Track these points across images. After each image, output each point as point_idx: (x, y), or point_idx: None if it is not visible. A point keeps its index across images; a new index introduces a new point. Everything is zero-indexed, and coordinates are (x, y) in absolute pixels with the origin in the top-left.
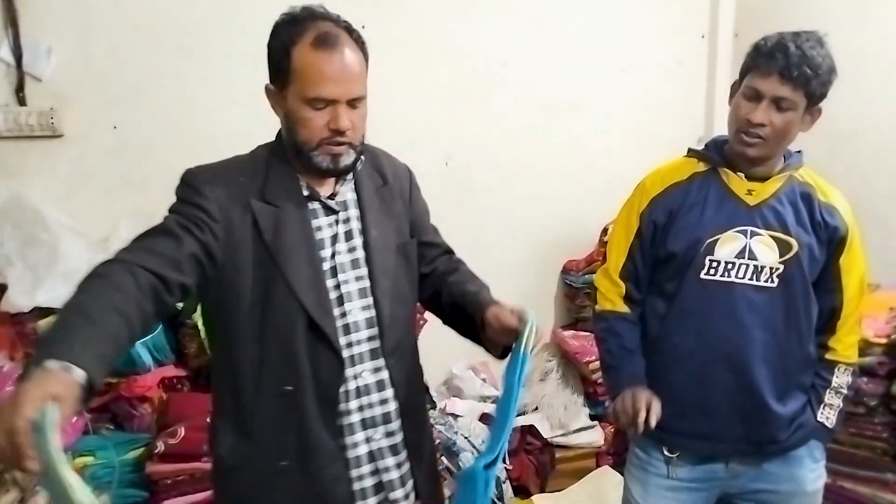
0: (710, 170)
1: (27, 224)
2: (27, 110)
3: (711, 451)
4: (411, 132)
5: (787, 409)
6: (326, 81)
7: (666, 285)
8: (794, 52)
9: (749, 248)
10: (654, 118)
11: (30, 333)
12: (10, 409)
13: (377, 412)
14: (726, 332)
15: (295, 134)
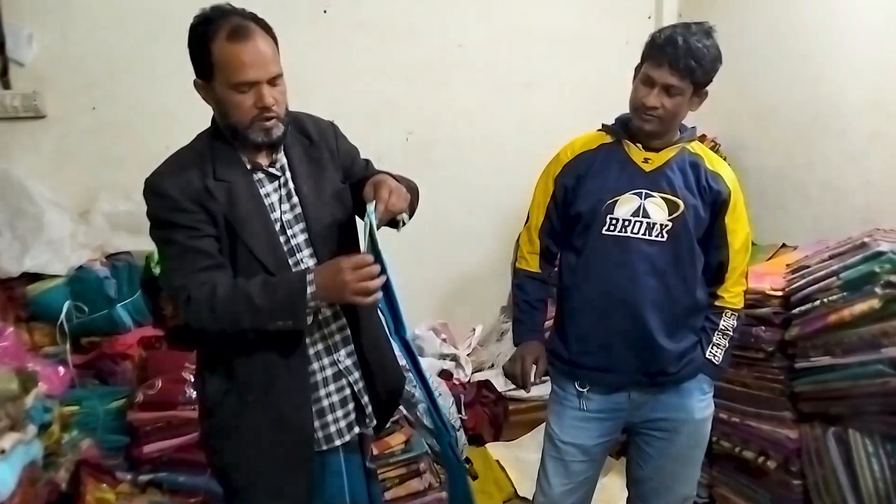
0: (616, 141)
1: (14, 198)
2: (11, 93)
3: (614, 383)
4: (374, 110)
5: (676, 346)
6: (246, 67)
7: (576, 241)
8: (682, 45)
9: (643, 207)
10: (603, 95)
11: (19, 297)
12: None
13: (337, 338)
14: (622, 280)
15: (228, 117)
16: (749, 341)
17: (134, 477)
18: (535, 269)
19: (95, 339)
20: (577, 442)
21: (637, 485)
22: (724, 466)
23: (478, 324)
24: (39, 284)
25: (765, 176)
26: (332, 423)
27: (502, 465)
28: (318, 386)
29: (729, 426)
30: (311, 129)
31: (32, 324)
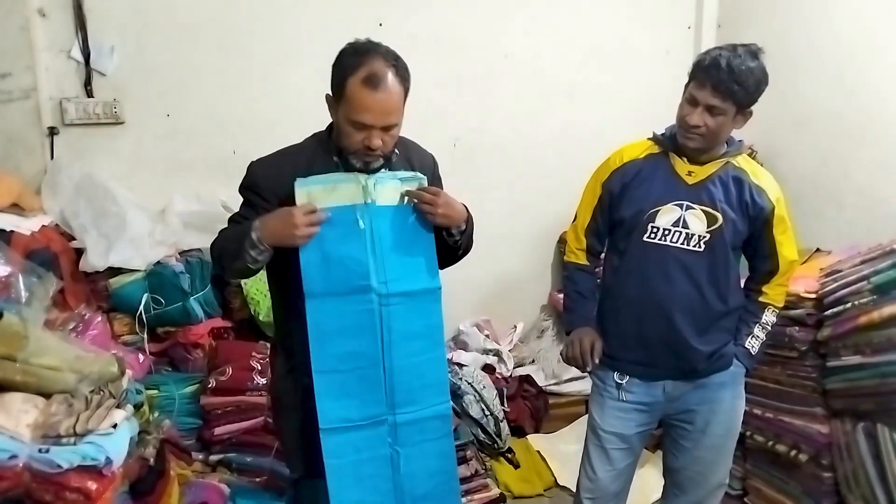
0: (663, 152)
1: (98, 198)
2: (94, 101)
3: (650, 375)
4: (423, 117)
5: (707, 346)
6: (366, 112)
7: (619, 244)
8: (725, 68)
9: (683, 218)
10: (642, 103)
11: (102, 290)
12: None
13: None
14: (659, 286)
15: (339, 138)
16: (783, 341)
17: (206, 456)
18: (584, 262)
19: (170, 329)
20: (617, 431)
21: (672, 474)
22: (758, 459)
23: (519, 321)
24: (121, 278)
25: (801, 182)
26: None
27: (543, 456)
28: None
29: (763, 421)
30: (414, 160)
31: (113, 314)
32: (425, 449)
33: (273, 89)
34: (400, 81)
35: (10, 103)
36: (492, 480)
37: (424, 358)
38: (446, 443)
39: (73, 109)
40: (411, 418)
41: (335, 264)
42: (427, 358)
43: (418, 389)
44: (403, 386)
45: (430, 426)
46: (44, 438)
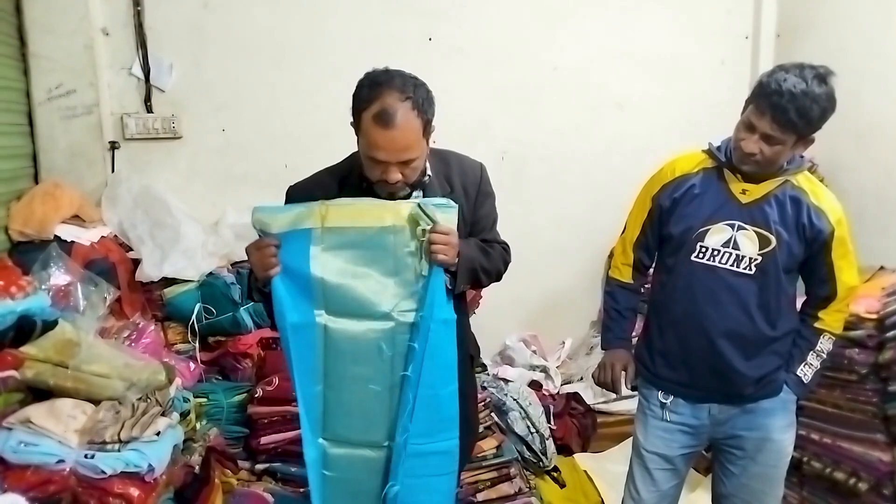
0: (717, 167)
1: (155, 210)
2: (153, 116)
3: (694, 396)
4: (471, 130)
5: (754, 371)
6: (379, 150)
7: (667, 260)
8: (788, 97)
9: (734, 239)
10: (696, 116)
11: (157, 299)
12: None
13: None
14: (706, 307)
15: (362, 168)
16: (842, 363)
17: (251, 465)
18: (628, 280)
19: (221, 339)
20: (660, 451)
21: (721, 501)
22: (815, 487)
23: (567, 337)
24: (175, 288)
25: (864, 197)
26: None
27: (590, 476)
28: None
29: (820, 447)
30: (454, 176)
31: (167, 323)
32: (427, 484)
33: (324, 104)
34: (417, 115)
35: (74, 119)
36: (536, 499)
37: (437, 391)
38: (450, 481)
39: (133, 124)
40: (418, 451)
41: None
42: (440, 392)
43: (429, 422)
44: (413, 415)
45: (435, 461)
46: (90, 444)
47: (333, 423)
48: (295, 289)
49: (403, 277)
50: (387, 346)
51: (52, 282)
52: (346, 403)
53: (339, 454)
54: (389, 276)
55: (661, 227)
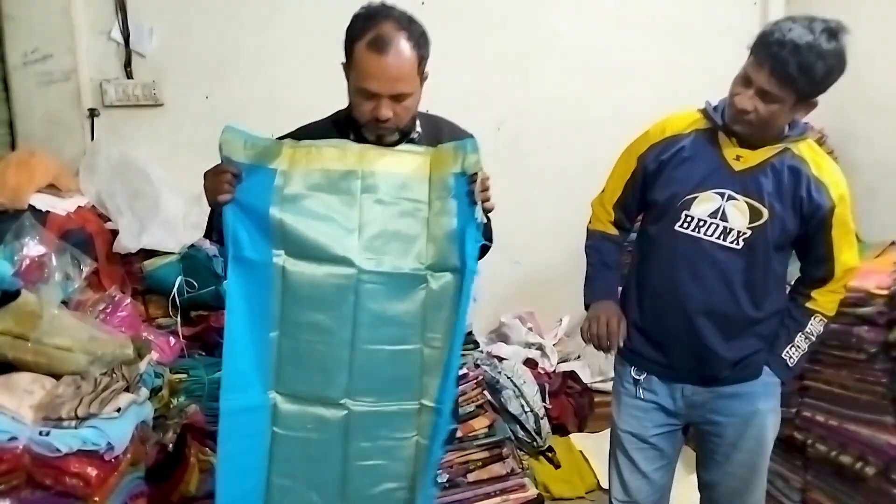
0: (711, 129)
1: (134, 180)
2: (133, 83)
3: (667, 376)
4: (465, 99)
5: (733, 353)
6: (371, 79)
7: (649, 228)
8: (791, 50)
9: (723, 209)
10: (702, 85)
11: (137, 272)
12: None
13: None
14: (686, 282)
15: (351, 109)
16: (850, 341)
17: None
18: (612, 232)
19: (203, 313)
20: (634, 431)
21: (707, 490)
22: (819, 471)
23: (564, 314)
24: (155, 260)
25: (875, 170)
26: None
27: (586, 456)
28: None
29: (825, 429)
30: (445, 140)
31: (148, 296)
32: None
33: (316, 70)
34: (413, 47)
35: (51, 84)
36: (529, 480)
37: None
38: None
39: (112, 91)
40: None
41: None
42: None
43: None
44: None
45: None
46: (45, 421)
47: (288, 374)
48: (252, 226)
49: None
50: (350, 295)
51: (24, 252)
52: (302, 354)
53: (291, 410)
54: (352, 221)
55: (645, 191)
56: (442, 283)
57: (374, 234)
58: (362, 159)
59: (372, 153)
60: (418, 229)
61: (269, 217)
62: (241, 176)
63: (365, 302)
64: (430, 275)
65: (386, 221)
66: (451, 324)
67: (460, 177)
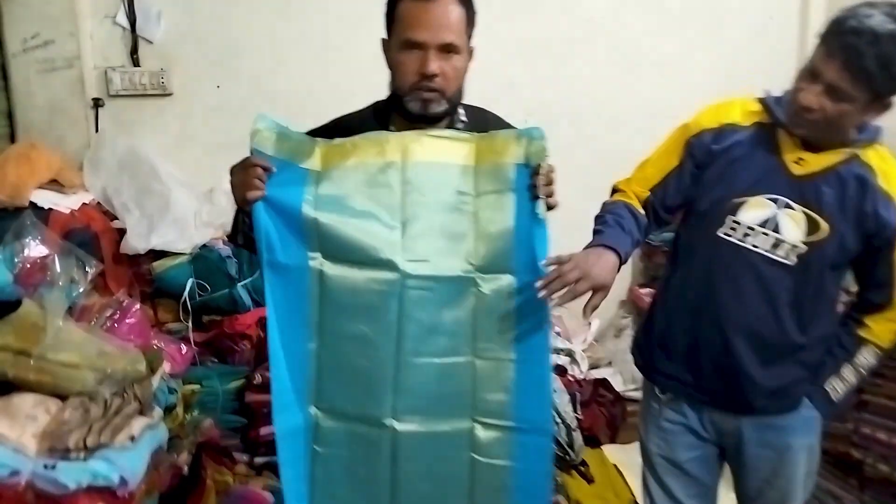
0: (770, 124)
1: (142, 175)
2: (140, 71)
3: (694, 399)
4: (492, 88)
5: (770, 381)
6: (418, 26)
7: (687, 230)
8: (869, 40)
9: (776, 218)
10: (741, 74)
11: (145, 273)
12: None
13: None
14: (725, 296)
15: (393, 81)
16: None
17: (250, 459)
18: (638, 208)
19: (216, 318)
20: (664, 454)
21: None
22: (879, 493)
23: (594, 318)
24: (165, 261)
25: None
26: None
27: (620, 470)
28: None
29: (887, 447)
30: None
31: (157, 300)
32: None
33: (335, 58)
34: (461, 4)
35: (53, 72)
36: (562, 497)
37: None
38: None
39: (118, 79)
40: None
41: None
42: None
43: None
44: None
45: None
46: (51, 452)
47: (328, 389)
48: (284, 227)
49: (419, 219)
50: (394, 302)
51: (26, 254)
52: (343, 367)
53: (333, 427)
54: (394, 217)
55: (688, 185)
56: (495, 286)
57: (417, 232)
58: (402, 149)
59: (413, 142)
60: (466, 225)
61: (302, 216)
62: (271, 171)
63: (410, 310)
64: (481, 277)
65: (430, 217)
66: (527, 334)
67: (522, 168)
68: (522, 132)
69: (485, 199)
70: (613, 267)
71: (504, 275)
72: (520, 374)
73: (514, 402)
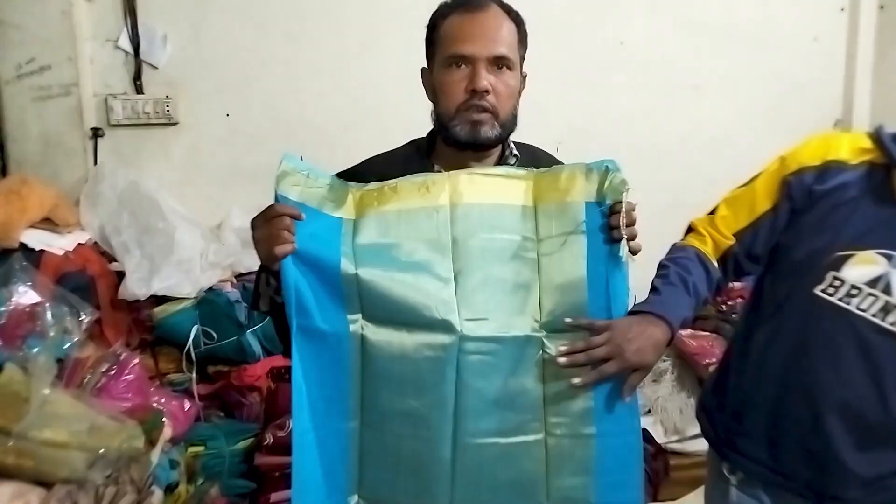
0: (883, 165)
1: (144, 212)
2: (144, 98)
3: (772, 483)
4: (522, 114)
5: (867, 469)
6: (465, 38)
7: (777, 285)
8: None
9: (889, 279)
10: (785, 100)
11: (146, 320)
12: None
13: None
14: (820, 366)
15: (438, 107)
16: None
17: None
18: (712, 258)
19: (223, 369)
20: None
21: None
22: None
23: None
24: (167, 307)
25: None
26: None
27: None
28: None
29: None
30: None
31: (158, 348)
32: None
33: (349, 87)
34: (512, 18)
35: (48, 100)
36: None
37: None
38: None
39: (119, 108)
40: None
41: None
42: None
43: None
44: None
45: None
46: None
47: (373, 477)
48: (319, 286)
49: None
50: (450, 370)
51: (14, 301)
52: (389, 452)
53: None
54: (445, 269)
55: (781, 231)
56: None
57: (474, 286)
58: (451, 190)
59: (463, 182)
60: (528, 275)
61: (339, 272)
62: (301, 219)
63: (469, 379)
64: (547, 336)
65: (487, 267)
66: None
67: (594, 206)
68: (592, 166)
69: (549, 243)
70: (659, 345)
71: (576, 333)
72: (602, 451)
73: (595, 485)
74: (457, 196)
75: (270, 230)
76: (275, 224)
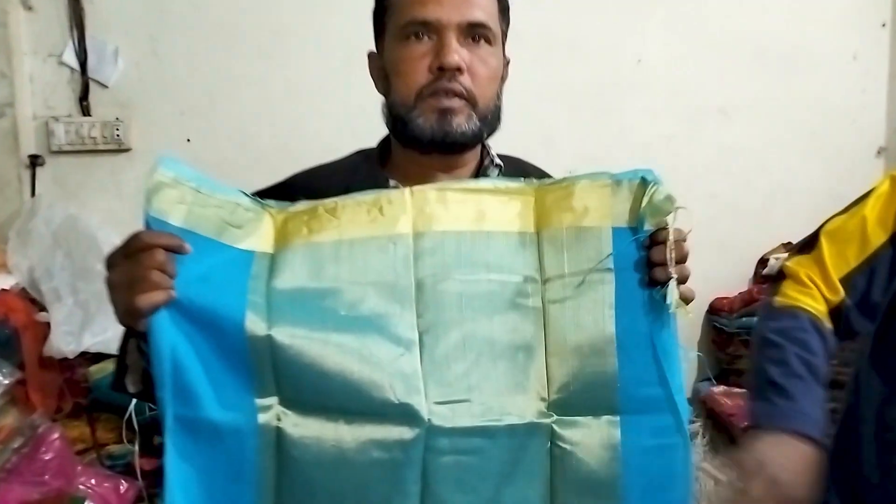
0: None
1: (81, 252)
2: (91, 121)
3: None
4: (528, 142)
5: None
6: (427, 3)
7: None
8: None
9: None
10: (821, 126)
11: (80, 380)
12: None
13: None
14: None
15: (392, 97)
16: None
17: None
18: (825, 320)
19: None
20: None
21: None
22: None
23: None
24: (105, 364)
25: None
26: None
27: None
28: None
29: None
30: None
31: (96, 414)
32: None
33: (330, 110)
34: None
35: None
36: None
37: None
38: None
39: (62, 132)
40: None
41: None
42: None
43: None
44: None
45: None
46: None
47: None
48: (210, 354)
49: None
50: (412, 478)
51: None
52: None
53: None
54: (405, 328)
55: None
56: (585, 437)
57: (447, 351)
58: (413, 211)
59: (430, 199)
60: (530, 332)
61: (245, 334)
62: (183, 252)
63: (442, 492)
64: (559, 422)
65: (467, 321)
66: None
67: (625, 232)
68: (621, 177)
69: (561, 286)
70: (810, 471)
71: (600, 417)
72: None
73: None
74: (423, 221)
75: (134, 271)
76: (141, 261)
